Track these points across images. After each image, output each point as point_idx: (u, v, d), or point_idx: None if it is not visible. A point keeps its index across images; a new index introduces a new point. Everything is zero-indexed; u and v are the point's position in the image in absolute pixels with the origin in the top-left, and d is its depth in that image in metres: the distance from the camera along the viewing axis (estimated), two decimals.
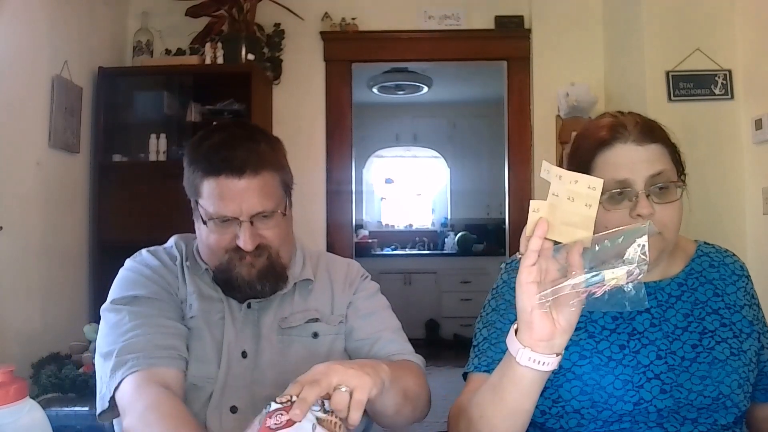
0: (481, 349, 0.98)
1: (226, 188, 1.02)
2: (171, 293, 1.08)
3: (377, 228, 6.44)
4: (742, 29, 2.39)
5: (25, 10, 2.27)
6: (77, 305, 2.65)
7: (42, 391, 2.01)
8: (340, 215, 3.28)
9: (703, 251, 1.03)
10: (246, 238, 1.02)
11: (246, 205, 1.02)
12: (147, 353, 0.96)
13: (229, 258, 1.05)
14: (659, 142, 0.94)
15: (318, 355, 1.08)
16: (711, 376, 0.90)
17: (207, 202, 1.03)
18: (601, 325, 0.95)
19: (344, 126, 3.28)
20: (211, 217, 1.03)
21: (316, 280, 1.16)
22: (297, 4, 3.08)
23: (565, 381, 0.92)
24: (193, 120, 2.94)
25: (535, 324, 0.72)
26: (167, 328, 1.02)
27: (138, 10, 3.10)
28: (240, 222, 1.03)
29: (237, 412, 1.01)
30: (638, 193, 0.89)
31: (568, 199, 0.70)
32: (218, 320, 1.07)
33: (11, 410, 0.63)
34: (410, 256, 6.04)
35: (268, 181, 1.05)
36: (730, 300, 0.97)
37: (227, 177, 1.02)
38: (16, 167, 2.23)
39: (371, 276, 1.26)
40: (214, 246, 1.05)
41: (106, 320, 1.04)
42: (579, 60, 3.08)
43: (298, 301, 1.14)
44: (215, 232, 1.04)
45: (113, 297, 1.06)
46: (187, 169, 1.08)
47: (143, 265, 1.10)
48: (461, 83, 5.33)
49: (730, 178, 2.38)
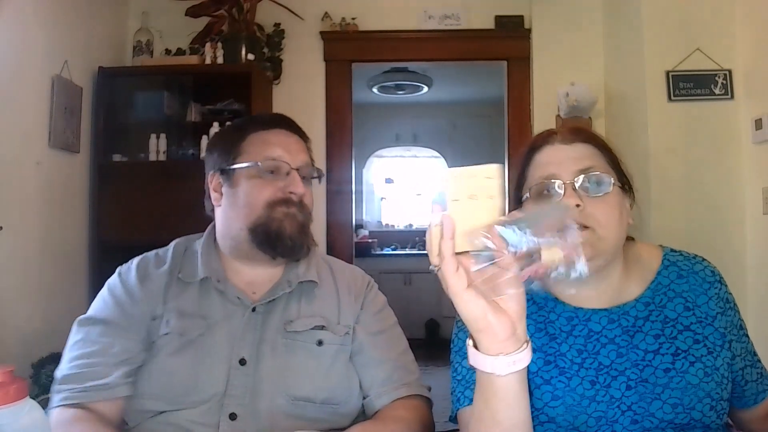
0: (468, 380, 0.92)
1: (280, 139, 1.13)
2: (137, 315, 1.08)
3: (377, 228, 6.44)
4: (742, 29, 2.39)
5: (25, 10, 2.27)
6: (77, 305, 2.64)
7: (42, 391, 2.01)
8: (340, 215, 3.28)
9: (670, 260, 0.97)
10: (298, 182, 1.10)
11: (297, 155, 1.12)
12: (82, 387, 0.99)
13: (269, 211, 1.09)
14: (588, 142, 0.94)
15: (321, 364, 1.07)
16: (683, 403, 0.87)
17: (257, 150, 1.11)
18: (570, 359, 0.91)
19: (344, 126, 3.28)
20: (260, 161, 1.09)
21: (321, 284, 1.16)
22: (297, 4, 3.08)
23: (538, 424, 0.89)
24: (193, 120, 2.95)
25: (494, 325, 0.66)
26: (117, 356, 1.03)
27: (138, 10, 3.11)
28: (290, 169, 1.11)
29: (236, 419, 1.00)
30: (564, 184, 0.88)
31: (469, 198, 0.65)
32: (197, 337, 1.05)
33: (11, 410, 0.63)
34: (410, 256, 6.04)
35: (308, 147, 1.19)
36: (702, 312, 0.93)
37: (282, 129, 1.14)
38: (16, 167, 2.23)
39: (372, 277, 1.25)
40: (254, 199, 1.09)
41: (71, 337, 1.08)
42: (579, 60, 3.08)
43: (304, 305, 1.13)
44: (258, 184, 1.09)
45: (84, 315, 1.10)
46: (219, 143, 1.17)
47: (121, 283, 1.12)
48: (461, 83, 5.33)
49: (730, 178, 2.38)
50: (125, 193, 2.77)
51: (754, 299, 2.26)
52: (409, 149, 6.54)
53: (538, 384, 0.91)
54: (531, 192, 0.91)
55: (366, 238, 6.01)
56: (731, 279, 1.00)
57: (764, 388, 0.97)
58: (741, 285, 2.30)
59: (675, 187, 2.40)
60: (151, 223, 2.63)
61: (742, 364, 0.95)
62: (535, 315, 0.96)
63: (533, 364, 0.92)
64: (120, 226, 2.73)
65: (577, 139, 0.94)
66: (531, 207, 0.65)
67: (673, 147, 2.43)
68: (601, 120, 2.99)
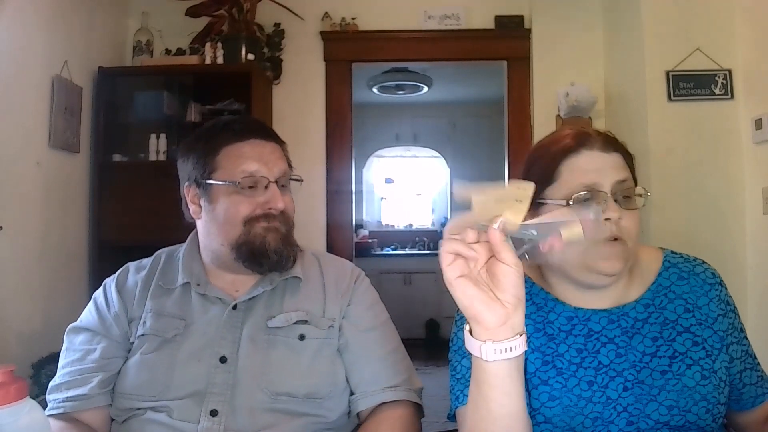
0: (467, 379, 0.90)
1: (254, 150, 1.07)
2: (115, 319, 1.11)
3: (377, 228, 6.44)
4: (742, 29, 2.39)
5: (25, 10, 2.27)
6: (77, 305, 2.62)
7: (42, 391, 1.99)
8: (340, 215, 3.28)
9: (670, 262, 0.98)
10: (278, 196, 1.07)
11: (274, 167, 1.08)
12: (63, 398, 1.04)
13: (249, 227, 1.07)
14: (621, 152, 0.95)
15: (303, 358, 1.07)
16: (678, 405, 0.87)
17: (232, 166, 1.07)
18: (568, 360, 0.92)
19: (344, 126, 3.28)
20: (236, 179, 1.06)
21: (306, 279, 1.15)
22: (297, 4, 3.08)
23: (535, 424, 0.89)
24: (193, 120, 2.94)
25: (483, 313, 0.68)
26: (96, 361, 1.07)
27: (138, 10, 3.10)
28: (268, 183, 1.07)
29: (217, 415, 1.01)
30: (607, 196, 0.89)
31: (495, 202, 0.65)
32: (173, 337, 1.07)
33: (11, 410, 0.63)
34: (410, 256, 6.04)
35: (285, 150, 1.15)
36: (702, 314, 0.93)
37: (255, 139, 1.08)
38: (16, 167, 2.23)
39: (370, 277, 1.24)
40: (233, 216, 1.07)
41: (64, 344, 1.13)
42: (579, 60, 3.08)
43: (287, 300, 1.13)
44: (236, 200, 1.07)
45: (74, 323, 1.14)
46: (193, 152, 1.11)
47: (103, 292, 1.16)
48: (461, 83, 5.33)
49: (730, 178, 2.38)
50: (125, 193, 2.77)
51: (754, 299, 2.25)
52: (409, 149, 6.54)
53: (535, 384, 0.92)
54: (573, 199, 0.89)
55: (366, 238, 6.01)
56: (731, 279, 1.01)
57: (763, 392, 0.96)
58: (741, 285, 2.30)
59: (675, 187, 2.40)
60: (151, 223, 2.63)
61: (741, 367, 0.95)
62: (534, 315, 0.96)
63: (531, 364, 0.92)
64: (120, 226, 2.73)
65: (613, 148, 0.94)
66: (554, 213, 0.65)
67: (673, 147, 2.43)
68: (601, 120, 2.99)
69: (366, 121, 5.71)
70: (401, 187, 6.67)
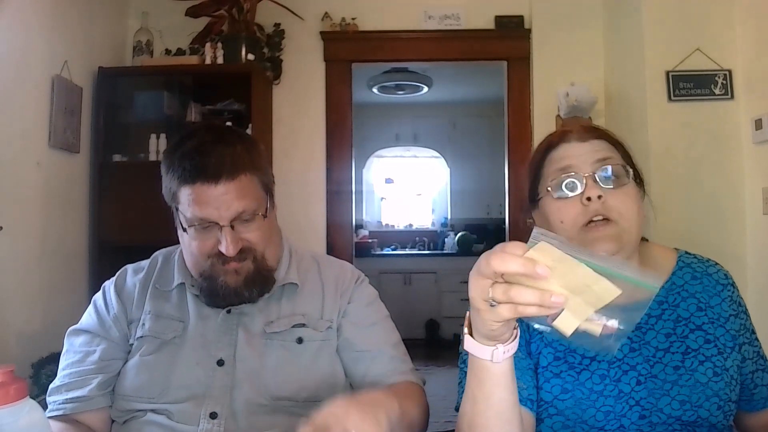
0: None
1: (203, 195, 1.01)
2: (114, 320, 1.12)
3: (377, 228, 6.44)
4: (742, 29, 2.39)
5: (25, 10, 2.27)
6: (77, 305, 2.63)
7: (42, 391, 2.00)
8: (340, 215, 3.28)
9: (684, 262, 0.99)
10: (228, 242, 1.02)
11: (225, 210, 1.01)
12: (63, 399, 1.05)
13: (212, 264, 1.05)
14: (603, 138, 0.96)
15: (301, 362, 1.07)
16: (691, 401, 0.87)
17: (186, 208, 1.03)
18: (581, 354, 0.92)
19: (344, 126, 3.28)
20: (191, 223, 1.03)
21: (304, 283, 1.15)
22: (297, 4, 3.08)
23: (547, 417, 0.90)
24: (193, 120, 2.94)
25: (505, 334, 0.69)
26: (96, 363, 1.07)
27: (138, 10, 3.10)
28: (221, 227, 1.02)
29: (217, 418, 1.02)
30: (581, 177, 0.90)
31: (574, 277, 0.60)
32: (171, 339, 1.08)
33: (11, 410, 0.63)
34: (410, 256, 6.04)
35: (246, 184, 1.04)
36: (714, 313, 0.95)
37: (203, 184, 1.01)
38: (16, 167, 2.23)
39: (370, 277, 1.25)
40: (196, 253, 1.05)
41: (64, 346, 1.13)
42: (579, 60, 3.08)
43: (285, 304, 1.13)
44: (196, 238, 1.04)
45: (74, 326, 1.14)
46: (164, 177, 1.07)
47: (103, 294, 1.16)
48: (461, 83, 5.33)
49: (730, 178, 2.38)
50: (125, 193, 2.77)
51: (754, 299, 2.25)
52: (409, 149, 6.54)
53: (547, 378, 0.92)
54: (551, 185, 0.92)
55: (366, 238, 6.01)
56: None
57: None
58: (741, 285, 2.24)
59: (675, 187, 2.40)
60: (151, 223, 2.61)
61: (753, 368, 0.95)
62: None
63: (544, 358, 0.93)
64: (120, 226, 2.73)
65: (592, 135, 0.95)
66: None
67: (673, 147, 2.43)
68: (601, 120, 2.99)
69: (366, 121, 5.71)
70: (401, 187, 6.67)
